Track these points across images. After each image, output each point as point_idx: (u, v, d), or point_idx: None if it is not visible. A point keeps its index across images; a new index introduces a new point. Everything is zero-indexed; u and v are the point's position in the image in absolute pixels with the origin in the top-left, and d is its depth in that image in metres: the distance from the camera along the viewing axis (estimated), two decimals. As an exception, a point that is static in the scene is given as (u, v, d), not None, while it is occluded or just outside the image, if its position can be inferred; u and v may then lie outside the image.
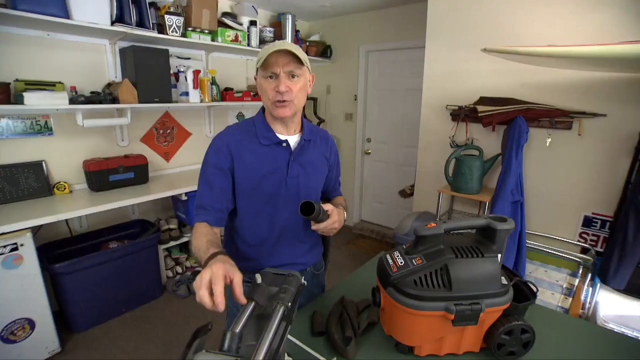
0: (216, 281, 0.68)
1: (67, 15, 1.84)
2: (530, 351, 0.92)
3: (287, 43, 0.94)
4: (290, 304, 0.72)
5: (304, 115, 1.15)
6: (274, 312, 0.69)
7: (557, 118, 1.93)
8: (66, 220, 2.23)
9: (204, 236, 0.90)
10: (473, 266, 0.87)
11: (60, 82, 2.08)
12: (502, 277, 0.90)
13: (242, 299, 0.70)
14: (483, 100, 2.16)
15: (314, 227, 0.97)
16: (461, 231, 0.99)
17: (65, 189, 2.20)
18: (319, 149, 1.11)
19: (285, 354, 0.84)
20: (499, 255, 0.91)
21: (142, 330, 2.18)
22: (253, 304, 0.72)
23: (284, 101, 0.96)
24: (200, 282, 0.67)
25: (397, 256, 0.94)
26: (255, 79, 1.03)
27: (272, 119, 1.03)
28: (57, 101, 1.87)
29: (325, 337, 0.97)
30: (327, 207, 0.99)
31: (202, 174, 1.03)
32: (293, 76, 0.95)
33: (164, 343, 2.07)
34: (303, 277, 0.83)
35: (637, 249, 1.71)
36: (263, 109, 1.08)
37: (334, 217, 0.97)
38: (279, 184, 1.02)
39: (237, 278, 0.71)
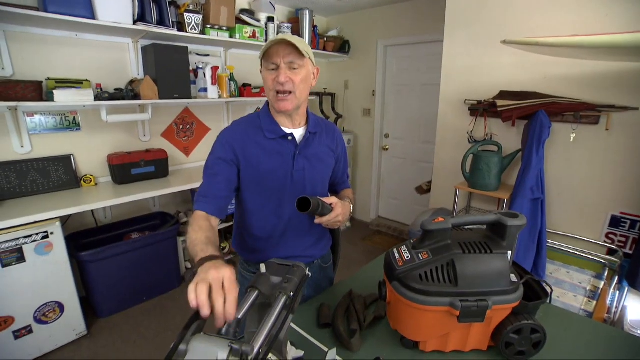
0: (231, 288, 0.63)
1: (93, 16, 1.93)
2: (544, 353, 0.90)
3: (289, 35, 0.95)
4: (292, 293, 0.74)
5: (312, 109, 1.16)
6: (276, 300, 0.71)
7: (583, 112, 1.84)
8: (92, 211, 2.35)
9: (203, 231, 0.86)
10: (480, 262, 0.85)
11: (87, 80, 2.19)
12: (512, 275, 0.87)
13: (232, 316, 0.61)
14: (503, 95, 2.09)
15: (317, 220, 0.98)
16: (472, 227, 0.98)
17: (91, 181, 2.31)
18: (325, 141, 1.11)
19: (289, 343, 0.86)
20: (509, 253, 0.89)
21: (162, 318, 2.27)
22: (256, 292, 0.73)
23: (285, 92, 0.96)
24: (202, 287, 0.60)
25: (404, 250, 0.94)
26: (260, 72, 1.03)
27: (276, 112, 1.04)
28: (83, 98, 1.97)
29: (330, 329, 0.98)
30: (331, 200, 0.99)
31: (207, 166, 1.03)
32: (294, 68, 0.96)
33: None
34: (308, 269, 0.84)
35: (669, 251, 1.62)
36: (268, 103, 1.08)
37: (337, 211, 0.98)
38: (284, 177, 1.03)
39: (235, 294, 0.63)
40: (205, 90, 2.55)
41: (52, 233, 1.85)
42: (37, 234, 1.80)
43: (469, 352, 0.92)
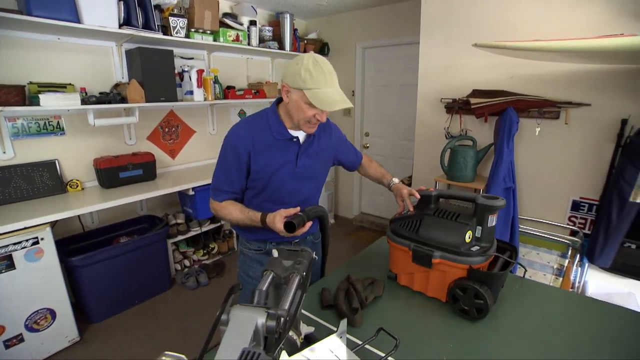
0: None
1: (78, 20, 1.93)
2: (518, 315, 1.04)
3: (340, 91, 1.06)
4: (305, 273, 0.83)
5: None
6: (290, 279, 0.80)
7: (545, 108, 2.04)
8: (79, 216, 2.32)
9: (238, 207, 1.16)
10: (440, 224, 1.10)
11: (70, 84, 2.16)
12: (476, 246, 1.06)
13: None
14: (475, 93, 2.27)
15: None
16: (465, 205, 1.18)
17: (77, 186, 2.29)
18: (323, 139, 1.24)
19: (301, 322, 0.95)
20: (479, 227, 1.07)
21: (154, 321, 2.28)
22: (272, 274, 0.82)
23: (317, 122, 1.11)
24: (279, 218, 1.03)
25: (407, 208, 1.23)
26: (284, 87, 1.07)
27: (285, 116, 1.14)
28: (70, 102, 1.96)
29: (333, 310, 1.08)
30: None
31: (221, 162, 1.16)
32: None
33: (178, 330, 2.18)
34: (314, 253, 0.94)
35: (621, 229, 1.83)
36: (277, 103, 1.17)
37: (297, 233, 1.06)
38: (287, 173, 1.17)
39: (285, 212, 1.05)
40: (191, 93, 2.58)
41: (42, 239, 1.83)
42: (27, 240, 1.78)
43: (432, 300, 1.12)
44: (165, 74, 2.38)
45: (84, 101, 2.05)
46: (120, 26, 2.09)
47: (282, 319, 0.60)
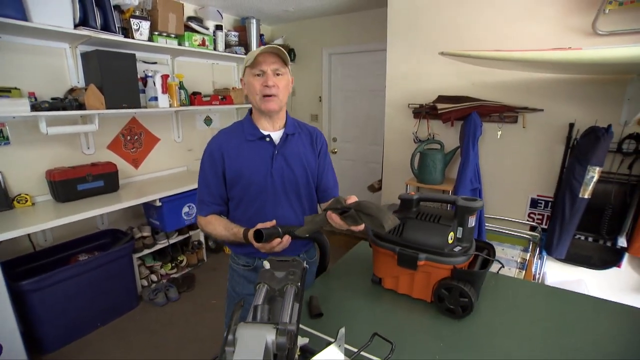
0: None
1: (25, 18, 1.76)
2: (499, 308, 1.10)
3: (273, 46, 1.06)
4: (299, 284, 0.81)
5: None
6: (286, 291, 0.77)
7: (505, 113, 2.19)
8: (28, 235, 2.10)
9: (223, 223, 1.12)
10: (423, 226, 1.12)
11: (15, 88, 1.97)
12: (458, 246, 1.10)
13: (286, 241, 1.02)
14: (441, 99, 2.38)
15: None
16: (446, 207, 1.19)
17: (27, 201, 2.07)
18: (303, 141, 1.20)
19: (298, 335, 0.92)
20: (460, 228, 1.11)
21: (122, 342, 2.12)
22: (265, 286, 0.79)
23: (271, 95, 1.07)
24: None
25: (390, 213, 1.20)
26: (241, 81, 1.14)
27: (258, 117, 1.14)
28: (19, 108, 1.78)
29: (322, 318, 1.06)
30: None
31: (201, 173, 1.15)
32: (278, 74, 1.08)
33: (148, 350, 2.04)
34: (305, 262, 0.92)
35: (573, 223, 2.01)
36: (250, 111, 1.18)
37: (272, 244, 1.01)
38: (264, 177, 1.12)
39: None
40: (156, 99, 2.45)
41: (-15, 263, 1.64)
42: (-33, 265, 1.58)
43: (417, 301, 1.14)
44: (127, 79, 2.24)
45: (35, 107, 1.86)
46: (75, 26, 1.94)
47: (291, 333, 0.58)
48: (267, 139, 1.13)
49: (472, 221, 1.12)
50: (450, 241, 1.10)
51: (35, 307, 1.94)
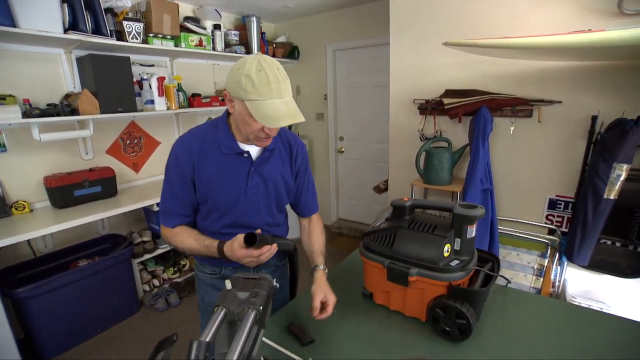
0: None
1: (13, 24, 1.73)
2: (505, 330, 0.96)
3: (289, 103, 0.89)
4: (262, 307, 0.71)
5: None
6: (245, 316, 0.68)
7: (518, 107, 2.01)
8: (28, 241, 2.10)
9: (193, 234, 1.03)
10: (416, 237, 1.00)
11: (10, 95, 1.96)
12: (455, 260, 0.97)
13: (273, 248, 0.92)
14: (448, 93, 2.22)
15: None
16: (443, 214, 1.09)
17: (24, 208, 2.07)
18: (282, 157, 1.09)
19: (262, 359, 0.83)
20: (458, 240, 0.97)
21: (121, 349, 2.09)
22: (224, 310, 0.70)
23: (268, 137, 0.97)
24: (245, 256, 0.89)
25: (381, 220, 1.11)
26: (226, 95, 0.94)
27: (236, 129, 1.01)
28: (9, 115, 1.76)
29: (314, 344, 0.95)
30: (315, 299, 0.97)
31: (166, 179, 1.03)
32: None
33: (147, 356, 1.99)
34: (275, 280, 0.82)
35: (597, 226, 1.81)
36: (227, 114, 1.04)
37: (262, 250, 0.91)
38: (237, 194, 1.02)
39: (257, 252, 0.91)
40: (152, 102, 2.41)
41: (-21, 272, 1.63)
42: (-40, 274, 1.57)
43: (411, 320, 1.03)
44: (122, 82, 2.20)
45: (26, 114, 1.85)
46: (65, 31, 1.91)
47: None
48: (245, 155, 1.01)
49: (471, 231, 0.99)
50: (446, 254, 0.97)
51: (33, 314, 1.93)
